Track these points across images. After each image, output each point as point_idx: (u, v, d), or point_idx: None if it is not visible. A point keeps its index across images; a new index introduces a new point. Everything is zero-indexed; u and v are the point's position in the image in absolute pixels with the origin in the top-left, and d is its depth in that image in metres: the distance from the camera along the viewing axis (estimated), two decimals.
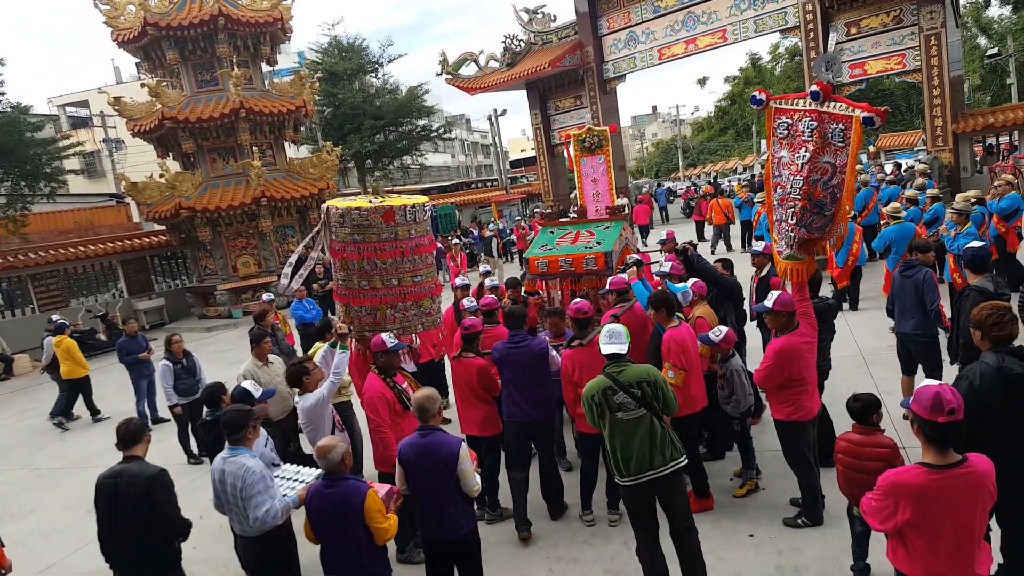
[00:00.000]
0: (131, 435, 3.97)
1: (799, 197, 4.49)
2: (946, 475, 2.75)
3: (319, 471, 3.99)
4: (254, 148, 18.80)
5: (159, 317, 19.94)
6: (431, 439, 3.91)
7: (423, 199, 5.72)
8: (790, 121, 4.54)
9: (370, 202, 5.35)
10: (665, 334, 5.12)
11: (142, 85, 18.95)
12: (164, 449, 8.57)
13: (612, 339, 4.17)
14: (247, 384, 4.87)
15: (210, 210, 18.05)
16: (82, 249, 19.16)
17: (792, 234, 4.66)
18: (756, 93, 4.73)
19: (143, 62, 20.15)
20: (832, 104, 4.31)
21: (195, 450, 8.10)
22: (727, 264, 7.02)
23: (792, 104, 4.56)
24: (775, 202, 4.80)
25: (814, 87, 4.35)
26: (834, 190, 4.43)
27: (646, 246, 20.41)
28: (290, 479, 4.22)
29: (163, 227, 20.56)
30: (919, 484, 2.76)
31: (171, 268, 21.78)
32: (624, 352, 4.15)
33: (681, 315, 5.43)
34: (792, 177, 4.53)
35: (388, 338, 5.11)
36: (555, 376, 5.40)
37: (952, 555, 2.79)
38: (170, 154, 19.90)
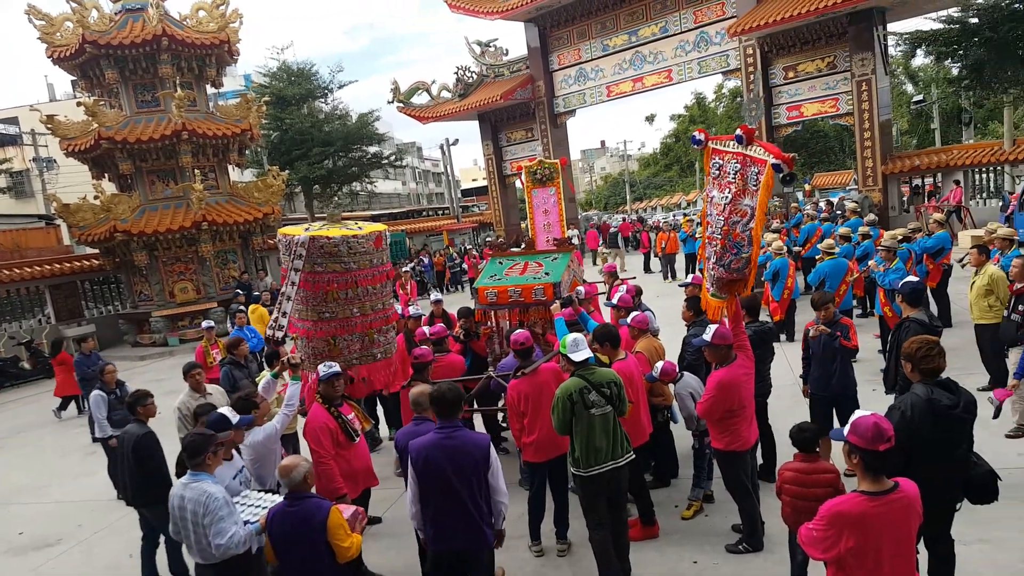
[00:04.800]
0: (131, 404, 5.45)
1: (719, 237, 4.63)
2: (883, 501, 2.85)
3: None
4: (196, 171, 18.34)
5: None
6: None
7: (381, 226, 5.69)
8: (722, 162, 4.67)
9: (358, 228, 5.35)
10: (612, 367, 5.16)
11: (78, 104, 18.34)
12: (96, 483, 8.12)
13: (579, 346, 4.51)
14: (224, 410, 4.59)
15: (147, 233, 17.45)
16: (7, 273, 18.17)
17: (713, 273, 4.79)
18: (696, 133, 4.90)
19: (80, 80, 19.51)
20: (753, 148, 4.46)
21: None
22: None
23: (724, 146, 4.70)
24: (706, 240, 4.94)
25: (739, 131, 4.50)
26: (752, 233, 4.50)
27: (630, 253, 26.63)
28: (253, 505, 4.07)
29: (96, 251, 19.74)
30: (860, 512, 2.84)
31: (103, 293, 20.87)
32: (592, 357, 4.56)
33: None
34: (717, 217, 4.65)
35: (323, 367, 4.93)
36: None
37: None
38: (106, 175, 19.24)
